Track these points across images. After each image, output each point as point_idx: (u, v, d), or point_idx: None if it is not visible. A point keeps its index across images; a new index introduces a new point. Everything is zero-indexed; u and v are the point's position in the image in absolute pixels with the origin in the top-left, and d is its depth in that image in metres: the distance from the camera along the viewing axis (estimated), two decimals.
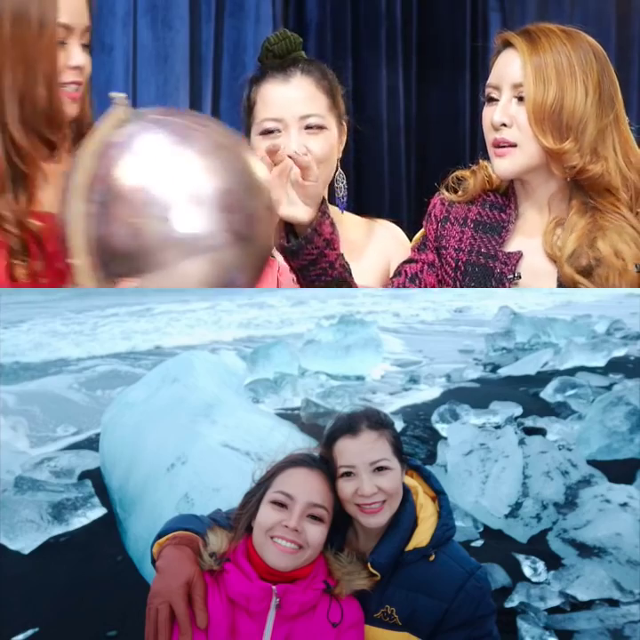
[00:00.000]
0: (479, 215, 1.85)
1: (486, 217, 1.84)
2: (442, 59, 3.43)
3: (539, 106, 1.67)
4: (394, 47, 3.32)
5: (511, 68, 1.70)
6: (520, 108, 1.69)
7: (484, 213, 1.85)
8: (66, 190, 1.38)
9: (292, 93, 1.80)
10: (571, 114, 1.67)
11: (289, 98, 1.80)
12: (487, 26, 3.42)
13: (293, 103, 1.80)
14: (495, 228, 1.83)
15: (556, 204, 1.77)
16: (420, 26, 3.40)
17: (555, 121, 1.67)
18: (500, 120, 1.71)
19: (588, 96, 1.68)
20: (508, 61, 1.72)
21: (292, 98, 1.80)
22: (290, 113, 1.79)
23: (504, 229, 1.82)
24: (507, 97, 1.71)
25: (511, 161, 1.73)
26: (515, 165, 1.73)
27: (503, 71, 1.72)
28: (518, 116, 1.70)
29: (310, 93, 1.82)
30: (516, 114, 1.70)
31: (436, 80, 3.41)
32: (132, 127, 1.36)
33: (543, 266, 1.76)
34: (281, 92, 1.80)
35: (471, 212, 1.85)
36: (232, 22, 3.02)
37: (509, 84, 1.70)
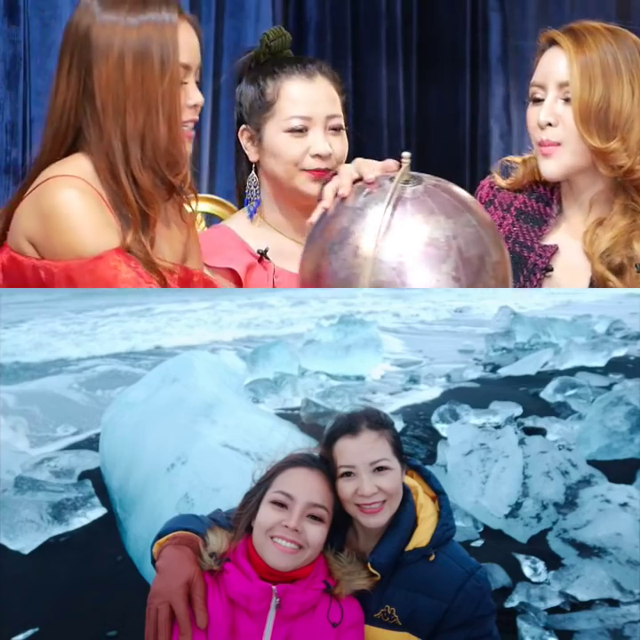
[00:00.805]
0: (524, 205, 1.87)
1: (530, 208, 1.86)
2: (442, 59, 3.43)
3: (585, 105, 1.67)
4: (394, 47, 3.33)
5: (557, 67, 1.70)
6: (566, 108, 1.70)
7: (529, 204, 1.87)
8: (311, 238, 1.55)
9: (318, 93, 1.82)
10: (617, 113, 1.67)
11: (316, 97, 1.82)
12: (487, 26, 3.42)
13: (320, 102, 1.82)
14: (537, 220, 1.85)
15: (600, 204, 1.79)
16: (420, 26, 3.40)
17: (601, 120, 1.68)
18: (546, 119, 1.71)
19: (634, 95, 1.68)
20: (554, 60, 1.71)
21: (319, 97, 1.82)
22: (317, 112, 1.81)
23: (545, 223, 1.84)
24: (552, 96, 1.71)
25: (557, 161, 1.74)
26: (561, 166, 1.75)
27: (548, 70, 1.72)
28: (564, 116, 1.70)
29: (331, 94, 1.85)
30: (562, 113, 1.70)
31: (436, 80, 3.42)
32: (418, 187, 1.50)
33: (578, 263, 1.78)
34: (309, 91, 1.82)
35: (517, 200, 1.88)
36: (232, 22, 3.02)
37: (555, 83, 1.71)
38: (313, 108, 1.81)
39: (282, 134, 1.81)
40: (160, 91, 1.54)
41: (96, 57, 1.53)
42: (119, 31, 1.53)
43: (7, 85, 2.57)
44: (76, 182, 1.52)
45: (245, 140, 1.87)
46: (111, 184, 1.55)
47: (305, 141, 1.80)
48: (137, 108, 1.53)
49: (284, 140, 1.81)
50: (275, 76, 1.83)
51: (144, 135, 1.55)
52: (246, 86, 1.87)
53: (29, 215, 1.53)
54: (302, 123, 1.80)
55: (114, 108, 1.53)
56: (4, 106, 2.58)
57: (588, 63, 1.68)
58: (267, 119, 1.83)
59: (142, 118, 1.54)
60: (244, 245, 1.87)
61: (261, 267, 1.86)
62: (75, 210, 1.50)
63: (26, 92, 2.60)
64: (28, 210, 1.54)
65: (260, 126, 1.84)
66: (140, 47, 1.53)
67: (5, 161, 2.60)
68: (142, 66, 1.53)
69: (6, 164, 2.60)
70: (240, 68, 1.90)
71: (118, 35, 1.53)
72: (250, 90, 1.86)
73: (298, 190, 1.84)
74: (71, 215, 1.50)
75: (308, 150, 1.80)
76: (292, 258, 1.86)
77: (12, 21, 2.56)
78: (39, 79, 2.62)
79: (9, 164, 2.61)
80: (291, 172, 1.82)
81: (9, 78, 2.58)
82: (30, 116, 2.62)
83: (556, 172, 1.76)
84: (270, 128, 1.83)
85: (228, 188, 2.99)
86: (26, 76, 2.60)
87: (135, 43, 1.53)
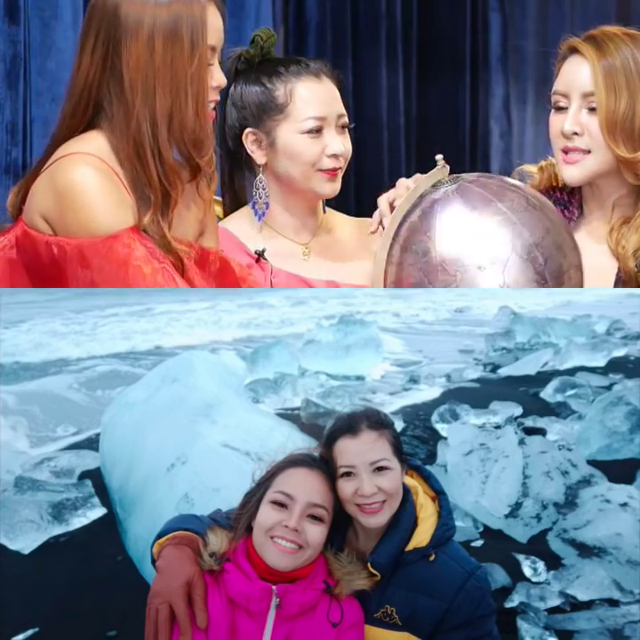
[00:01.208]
0: None
1: None
2: (442, 59, 3.43)
3: (611, 115, 1.68)
4: (394, 47, 3.32)
5: (580, 76, 1.71)
6: (591, 118, 1.71)
7: None
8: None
9: (327, 92, 1.82)
10: None
11: (327, 96, 1.82)
12: (487, 26, 3.42)
13: (331, 102, 1.82)
14: None
15: (622, 205, 1.81)
16: (421, 26, 3.40)
17: (627, 130, 1.69)
18: (572, 129, 1.72)
19: None
20: (576, 69, 1.72)
21: (329, 96, 1.82)
22: (330, 111, 1.81)
23: None
24: (576, 105, 1.72)
25: (582, 168, 1.76)
26: (584, 172, 1.76)
27: (571, 79, 1.73)
28: (589, 125, 1.71)
29: (336, 92, 1.85)
30: (588, 122, 1.72)
31: (436, 80, 3.42)
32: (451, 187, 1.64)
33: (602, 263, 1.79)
34: (319, 91, 1.81)
35: None
36: (232, 22, 3.01)
37: (579, 92, 1.71)
38: (326, 107, 1.81)
39: (298, 136, 1.80)
40: (189, 72, 1.52)
41: (125, 35, 1.51)
42: (149, 9, 1.51)
43: (7, 85, 2.57)
44: (92, 160, 1.51)
45: (250, 144, 1.85)
46: (135, 163, 1.53)
47: (321, 141, 1.80)
48: (166, 88, 1.52)
49: (301, 141, 1.80)
50: (282, 78, 1.81)
51: (172, 116, 1.53)
52: (247, 87, 1.85)
53: (44, 192, 1.52)
54: (318, 123, 1.80)
55: (143, 88, 1.52)
56: (4, 106, 2.58)
57: (612, 72, 1.68)
58: (280, 122, 1.81)
59: (171, 99, 1.52)
60: (242, 246, 1.87)
61: (259, 267, 1.86)
62: (89, 188, 1.49)
63: (26, 92, 2.60)
64: (43, 187, 1.52)
65: (271, 129, 1.82)
66: (170, 26, 1.51)
67: (5, 161, 2.60)
68: (172, 46, 1.51)
69: (6, 164, 2.60)
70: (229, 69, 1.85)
71: (148, 12, 1.51)
72: (254, 91, 1.84)
73: (313, 191, 1.84)
74: (86, 193, 1.49)
75: (324, 150, 1.81)
76: (290, 258, 1.87)
77: (12, 21, 2.56)
78: (39, 79, 2.62)
79: (9, 163, 2.60)
80: (307, 173, 1.82)
81: (9, 78, 2.57)
82: (30, 116, 2.62)
83: (578, 177, 1.77)
84: (284, 130, 1.81)
85: None
86: (26, 76, 2.60)
87: (165, 22, 1.51)
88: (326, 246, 1.91)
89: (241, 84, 1.85)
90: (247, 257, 1.86)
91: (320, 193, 1.84)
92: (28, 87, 2.62)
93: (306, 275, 1.87)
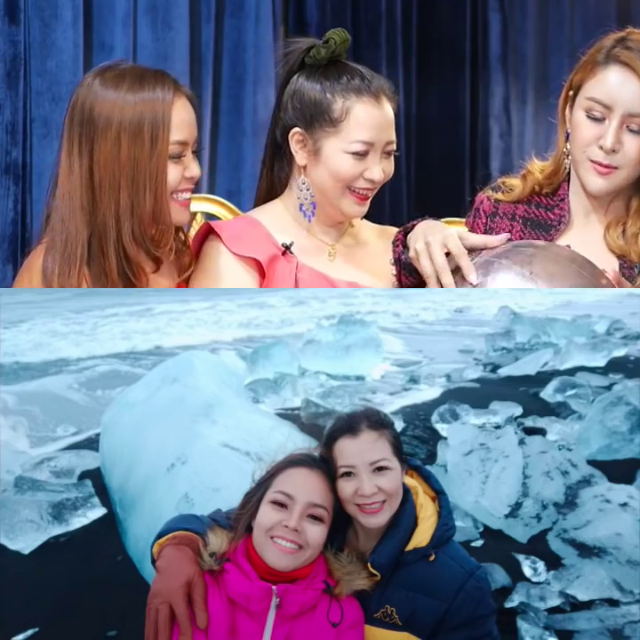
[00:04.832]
0: (526, 212, 1.91)
1: (533, 215, 1.91)
2: (442, 59, 3.43)
3: None
4: (394, 47, 3.32)
5: (628, 94, 1.71)
6: (631, 138, 1.73)
7: (530, 211, 1.91)
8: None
9: (383, 119, 1.82)
10: None
11: (382, 123, 1.81)
12: (487, 26, 3.42)
13: (384, 128, 1.82)
14: (543, 225, 1.89)
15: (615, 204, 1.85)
16: (420, 26, 3.40)
17: None
18: (613, 147, 1.73)
19: None
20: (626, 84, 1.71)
21: (384, 123, 1.82)
22: (379, 138, 1.81)
23: (553, 228, 1.88)
24: (619, 123, 1.73)
25: (610, 182, 1.79)
26: (611, 186, 1.80)
27: (617, 94, 1.72)
28: (627, 144, 1.74)
29: (391, 118, 1.84)
30: (626, 142, 1.74)
31: (435, 80, 3.42)
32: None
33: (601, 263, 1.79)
34: (375, 118, 1.80)
35: (518, 209, 1.92)
36: (232, 22, 3.02)
37: (624, 110, 1.72)
38: (377, 134, 1.80)
39: (343, 155, 1.80)
40: (148, 168, 1.61)
41: (97, 134, 1.61)
42: (118, 108, 1.60)
43: (7, 85, 2.57)
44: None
45: (295, 143, 1.84)
46: (98, 255, 1.65)
47: (363, 164, 1.80)
48: (128, 184, 1.62)
49: (344, 160, 1.80)
50: (344, 92, 1.79)
51: (133, 211, 1.63)
52: (308, 87, 1.82)
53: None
54: (365, 148, 1.80)
55: (110, 185, 1.62)
56: (4, 106, 2.58)
57: None
58: (329, 134, 1.80)
59: (132, 195, 1.62)
60: (270, 237, 1.89)
61: (285, 260, 1.87)
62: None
63: (26, 92, 2.60)
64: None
65: (319, 138, 1.81)
66: (134, 124, 1.60)
67: (5, 161, 2.60)
68: (135, 143, 1.60)
69: (6, 164, 2.60)
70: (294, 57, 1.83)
71: (117, 111, 1.60)
72: (312, 95, 1.81)
73: (340, 209, 1.86)
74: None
75: (363, 173, 1.81)
76: (316, 256, 1.90)
77: (12, 21, 2.56)
78: (39, 79, 2.62)
79: (9, 163, 2.60)
80: (339, 191, 1.83)
81: (9, 78, 2.57)
82: (30, 116, 2.61)
83: (605, 189, 1.80)
84: (331, 144, 1.81)
85: (229, 188, 2.99)
86: (26, 76, 2.59)
87: (130, 120, 1.60)
88: (351, 250, 1.95)
89: (303, 80, 1.83)
90: (274, 248, 1.88)
91: (347, 213, 1.88)
92: (27, 87, 2.62)
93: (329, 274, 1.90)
